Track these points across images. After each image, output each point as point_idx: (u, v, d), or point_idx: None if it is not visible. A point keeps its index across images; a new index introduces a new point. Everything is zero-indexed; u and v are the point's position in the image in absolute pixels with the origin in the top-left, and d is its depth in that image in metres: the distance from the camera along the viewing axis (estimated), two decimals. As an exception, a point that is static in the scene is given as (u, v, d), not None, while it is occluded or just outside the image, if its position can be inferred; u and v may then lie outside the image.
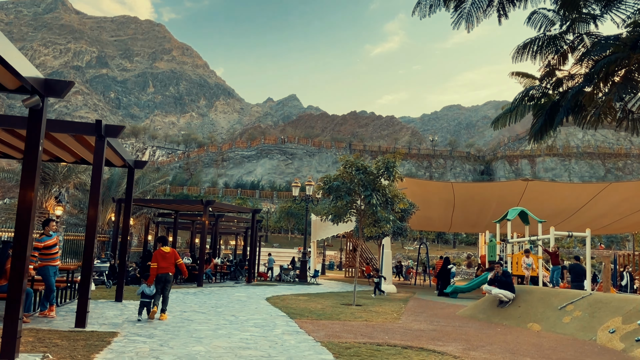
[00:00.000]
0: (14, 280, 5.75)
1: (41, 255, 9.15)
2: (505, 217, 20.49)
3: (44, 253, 9.17)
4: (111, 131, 8.58)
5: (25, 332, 7.35)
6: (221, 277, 23.89)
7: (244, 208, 26.29)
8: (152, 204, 22.64)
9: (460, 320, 11.83)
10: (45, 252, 9.17)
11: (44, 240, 9.20)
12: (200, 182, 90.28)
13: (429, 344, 8.31)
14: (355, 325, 10.01)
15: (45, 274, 9.14)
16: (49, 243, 9.22)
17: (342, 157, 14.46)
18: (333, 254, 60.39)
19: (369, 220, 14.49)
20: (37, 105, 5.99)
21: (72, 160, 11.83)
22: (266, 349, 7.16)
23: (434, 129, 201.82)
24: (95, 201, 8.58)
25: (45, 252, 9.17)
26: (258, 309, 11.95)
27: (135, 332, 7.90)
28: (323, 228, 34.05)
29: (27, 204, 5.88)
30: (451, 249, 73.28)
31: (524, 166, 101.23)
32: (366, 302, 15.28)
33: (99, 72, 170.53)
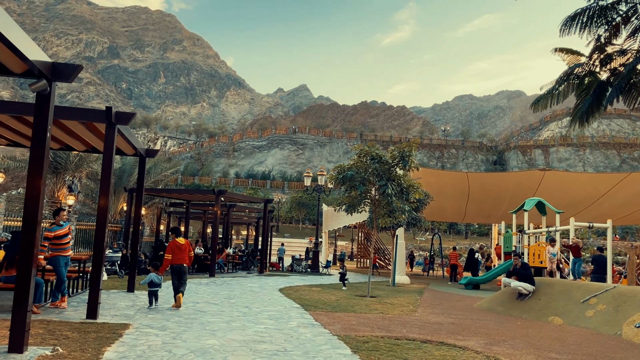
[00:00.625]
0: (22, 271, 5.56)
1: (52, 245, 8.99)
2: (522, 207, 20.09)
3: (55, 243, 8.99)
4: (122, 118, 8.36)
5: (36, 323, 7.20)
6: (233, 267, 23.78)
7: (256, 198, 26.12)
8: (164, 193, 22.51)
9: (478, 313, 11.54)
10: (56, 242, 8.99)
11: (55, 229, 9.02)
12: (211, 172, 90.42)
13: (449, 338, 8.05)
14: (372, 317, 9.76)
15: (56, 264, 8.98)
16: (60, 233, 9.04)
17: (357, 146, 14.15)
18: (344, 245, 60.23)
19: (384, 210, 14.21)
20: (44, 90, 5.76)
21: (83, 148, 11.66)
22: (281, 342, 6.94)
23: (446, 119, 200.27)
24: (105, 190, 8.38)
25: (56, 242, 8.99)
26: (271, 300, 11.75)
27: (148, 324, 7.73)
28: (335, 218, 33.82)
29: (35, 193, 5.68)
30: (463, 240, 72.82)
31: (537, 156, 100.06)
32: (380, 294, 15.03)
33: (111, 62, 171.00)
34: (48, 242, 8.95)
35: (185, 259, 9.94)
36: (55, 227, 9.04)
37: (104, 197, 8.34)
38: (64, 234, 9.09)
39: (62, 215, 9.30)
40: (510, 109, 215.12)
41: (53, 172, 20.19)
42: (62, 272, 8.96)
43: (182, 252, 9.88)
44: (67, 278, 10.39)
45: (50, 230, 8.99)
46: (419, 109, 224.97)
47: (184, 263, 9.90)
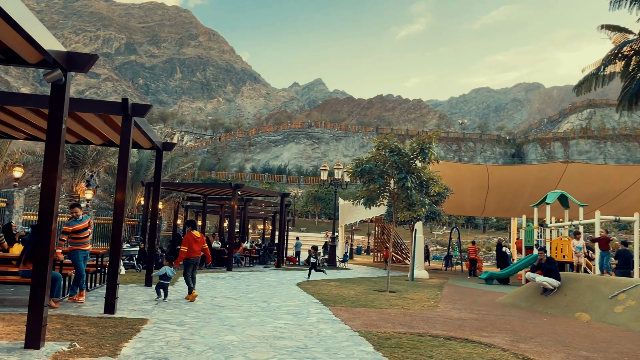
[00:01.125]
0: (38, 266, 5.46)
1: (70, 239, 8.95)
2: (543, 200, 19.66)
3: (74, 237, 8.95)
4: (138, 110, 8.23)
5: (54, 318, 7.13)
6: (250, 261, 23.73)
7: (273, 192, 26.00)
8: (181, 187, 22.50)
9: (501, 309, 11.25)
10: (74, 236, 8.94)
11: (73, 224, 8.97)
12: (227, 167, 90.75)
13: (474, 335, 7.80)
14: (393, 313, 9.54)
15: (74, 258, 8.94)
16: (78, 227, 8.98)
17: (375, 138, 13.88)
18: (360, 239, 60.01)
19: (403, 204, 13.94)
20: (59, 80, 5.63)
21: (100, 142, 11.60)
22: (302, 339, 6.77)
23: (462, 112, 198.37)
24: (122, 184, 8.28)
25: (75, 236, 8.95)
26: (290, 294, 11.60)
27: (165, 319, 7.61)
28: (351, 212, 33.58)
29: (50, 186, 5.56)
30: (481, 234, 72.11)
31: (556, 149, 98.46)
32: (400, 289, 14.79)
33: (128, 58, 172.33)
34: (66, 236, 8.92)
35: (199, 251, 10.11)
36: (74, 221, 9.00)
37: (121, 190, 8.24)
38: (83, 228, 9.04)
39: (77, 210, 9.23)
40: (528, 101, 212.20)
41: (71, 166, 20.29)
42: (80, 266, 8.92)
43: (198, 244, 10.06)
44: (85, 272, 10.38)
45: (69, 225, 8.96)
46: (435, 102, 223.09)
47: (198, 256, 10.10)
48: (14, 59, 5.63)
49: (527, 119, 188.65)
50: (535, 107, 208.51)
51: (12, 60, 5.66)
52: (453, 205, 26.83)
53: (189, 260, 10.03)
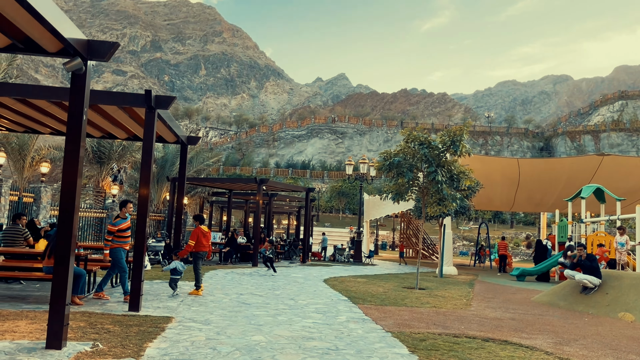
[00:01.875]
0: (60, 263, 5.26)
1: (115, 237, 8.83)
2: (578, 194, 18.94)
3: (118, 235, 8.83)
4: (162, 102, 8.00)
5: (78, 315, 6.97)
6: (275, 257, 23.53)
7: (298, 187, 25.75)
8: (206, 182, 22.41)
9: (538, 308, 10.74)
10: (119, 235, 8.83)
11: (119, 223, 8.84)
12: (252, 163, 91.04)
13: (513, 336, 7.37)
14: (425, 312, 9.16)
15: (118, 256, 8.81)
16: (123, 226, 8.86)
17: (404, 130, 13.45)
18: (385, 234, 59.45)
19: (433, 198, 13.49)
20: (79, 69, 5.41)
21: (124, 136, 11.47)
22: (332, 339, 6.45)
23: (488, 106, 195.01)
24: (146, 178, 8.07)
25: (120, 234, 8.83)
26: (317, 292, 11.30)
27: (191, 318, 7.39)
28: (376, 207, 33.14)
29: (71, 180, 5.35)
30: (509, 229, 70.77)
31: (587, 142, 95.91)
32: (429, 286, 14.36)
33: (153, 56, 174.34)
34: (112, 236, 8.79)
35: (207, 246, 10.25)
36: (120, 220, 8.90)
37: (145, 185, 8.03)
38: (127, 227, 8.94)
39: (128, 207, 9.12)
40: (556, 94, 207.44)
41: (97, 162, 20.38)
42: (124, 263, 8.85)
43: (206, 239, 10.18)
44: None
45: (114, 225, 8.83)
46: (461, 96, 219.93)
47: (207, 250, 10.23)
48: (33, 48, 5.43)
49: (555, 112, 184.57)
50: (563, 100, 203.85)
51: (32, 49, 5.46)
52: (481, 200, 26.15)
53: (199, 254, 10.15)
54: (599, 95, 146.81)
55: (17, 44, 5.44)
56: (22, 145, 17.74)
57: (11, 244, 9.89)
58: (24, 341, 5.35)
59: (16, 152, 17.69)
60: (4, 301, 7.86)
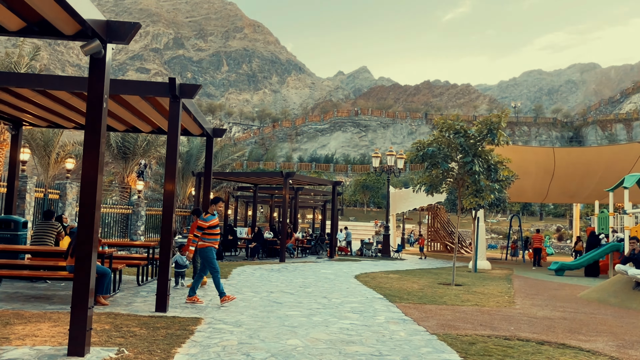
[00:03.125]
0: (81, 264, 4.85)
1: (205, 235, 8.37)
2: (620, 184, 17.98)
3: (208, 233, 8.36)
4: (186, 91, 7.57)
5: (103, 317, 6.60)
6: (302, 252, 23.14)
7: (324, 180, 25.26)
8: (232, 177, 22.09)
9: (588, 305, 10.03)
10: (209, 232, 8.37)
11: (210, 219, 8.39)
12: (275, 157, 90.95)
13: (570, 339, 6.74)
14: (468, 311, 8.56)
15: (209, 255, 8.31)
16: (214, 222, 8.42)
17: (439, 118, 12.81)
18: (411, 227, 58.62)
19: (469, 190, 12.84)
20: (98, 52, 4.98)
21: (149, 129, 11.12)
22: (374, 343, 5.94)
23: (513, 96, 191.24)
24: (172, 172, 7.65)
25: (210, 231, 8.38)
26: (350, 289, 10.79)
27: (220, 319, 6.96)
28: (403, 201, 32.44)
29: (91, 174, 4.93)
30: (538, 221, 69.21)
31: (618, 131, 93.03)
32: (465, 281, 13.72)
33: (176, 53, 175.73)
34: (202, 232, 8.35)
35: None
36: (210, 216, 8.45)
37: (170, 179, 7.62)
38: (216, 224, 8.51)
39: (218, 205, 8.70)
40: (583, 83, 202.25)
41: (122, 157, 20.22)
42: (216, 263, 8.36)
43: None
44: (136, 266, 9.92)
45: (206, 220, 8.38)
46: (485, 87, 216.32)
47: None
48: (49, 31, 5.02)
49: (583, 101, 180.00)
50: (591, 88, 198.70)
51: (47, 32, 5.05)
52: (514, 191, 25.17)
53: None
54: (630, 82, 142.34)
55: (31, 27, 5.04)
56: (47, 142, 17.66)
57: (39, 241, 9.61)
58: (45, 347, 4.98)
59: (41, 148, 17.62)
60: (28, 301, 7.57)
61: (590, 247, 19.30)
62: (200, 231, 8.34)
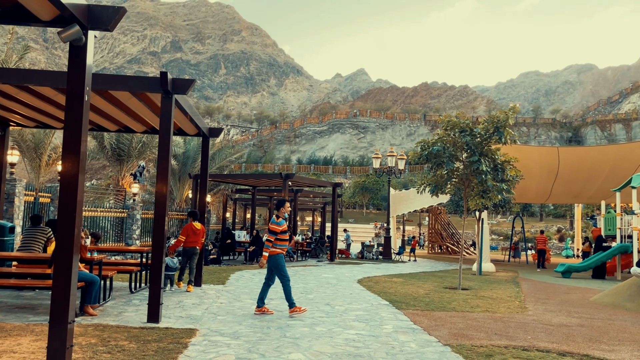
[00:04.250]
0: (60, 273, 4.37)
1: (276, 240, 7.74)
2: (628, 183, 17.56)
3: (279, 239, 7.75)
4: (179, 86, 7.09)
5: (90, 329, 6.12)
6: (302, 255, 22.64)
7: (324, 182, 24.79)
8: (229, 179, 21.61)
9: (603, 311, 9.57)
10: (280, 238, 7.77)
11: (282, 223, 7.78)
12: (273, 159, 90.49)
13: (592, 349, 6.27)
14: (479, 318, 8.09)
15: (280, 263, 7.71)
16: (285, 227, 7.83)
17: (444, 115, 12.36)
18: (411, 229, 58.15)
19: (475, 190, 12.37)
20: (78, 40, 4.51)
21: (142, 129, 10.65)
22: (383, 356, 5.46)
23: (511, 97, 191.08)
24: (164, 173, 7.17)
25: (281, 237, 7.77)
26: (353, 295, 10.31)
27: (217, 330, 6.47)
28: (403, 202, 31.97)
29: (71, 173, 4.46)
30: (538, 222, 68.76)
31: (618, 131, 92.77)
32: (472, 285, 13.26)
33: (174, 56, 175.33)
34: (274, 237, 7.71)
35: (199, 242, 10.29)
36: (282, 220, 7.85)
37: (163, 180, 7.14)
38: (286, 229, 7.89)
39: (286, 207, 8.04)
40: (580, 84, 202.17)
41: (116, 159, 19.71)
42: (286, 271, 7.78)
43: (197, 235, 10.24)
44: (129, 272, 9.44)
45: (279, 224, 7.75)
46: (482, 88, 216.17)
47: (197, 246, 10.26)
48: (23, 16, 4.54)
49: (580, 102, 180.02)
50: (588, 89, 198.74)
51: (21, 18, 4.58)
52: (516, 192, 24.66)
53: (187, 250, 10.21)
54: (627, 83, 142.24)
55: (3, 11, 4.56)
56: (37, 143, 17.15)
57: (26, 247, 9.10)
58: (21, 366, 4.49)
59: (32, 150, 17.10)
60: (10, 312, 7.08)
61: (598, 249, 18.84)
62: (273, 236, 7.69)
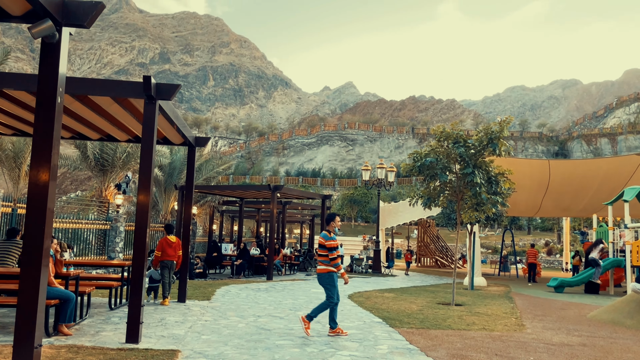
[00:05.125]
0: (26, 292, 3.95)
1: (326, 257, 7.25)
2: (620, 197, 17.43)
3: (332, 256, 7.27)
4: (164, 91, 6.72)
5: (63, 351, 5.65)
6: (290, 269, 22.18)
7: (314, 194, 24.43)
8: (216, 190, 21.15)
9: (602, 328, 9.27)
10: (336, 255, 7.30)
11: (335, 238, 7.29)
12: (261, 171, 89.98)
13: (598, 370, 5.94)
14: (477, 337, 7.73)
15: (332, 283, 7.27)
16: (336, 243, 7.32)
17: (437, 126, 12.11)
18: (400, 242, 57.90)
19: (468, 203, 12.10)
20: (51, 37, 4.14)
21: (125, 138, 10.23)
22: (380, 381, 5.07)
23: (497, 111, 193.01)
24: (146, 183, 6.75)
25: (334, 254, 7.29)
26: (344, 312, 9.91)
27: (201, 351, 6.03)
28: (392, 215, 31.71)
29: (41, 179, 4.06)
30: (526, 235, 68.88)
31: (603, 145, 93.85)
32: (465, 301, 12.92)
33: (162, 67, 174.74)
34: (332, 253, 7.22)
35: (175, 256, 10.25)
36: (334, 235, 7.35)
37: (145, 190, 6.71)
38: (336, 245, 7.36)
39: (337, 221, 7.51)
40: (565, 98, 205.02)
41: (100, 170, 19.17)
42: (336, 292, 7.33)
43: (172, 249, 10.22)
44: (109, 288, 8.97)
45: (332, 239, 7.23)
46: (469, 102, 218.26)
47: (173, 260, 10.25)
48: (-9, 9, 4.16)
49: (565, 116, 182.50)
50: (573, 104, 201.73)
51: (-11, 11, 4.19)
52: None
53: (163, 263, 10.24)
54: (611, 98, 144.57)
55: (-31, 4, 4.18)
56: (17, 153, 16.57)
57: (0, 262, 8.59)
58: (-20, 396, 4.04)
59: (11, 160, 16.52)
60: (-22, 332, 6.58)
61: (589, 263, 18.66)
62: (333, 252, 7.21)
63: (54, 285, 6.57)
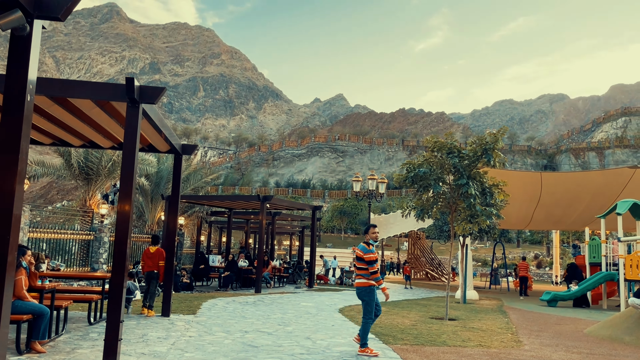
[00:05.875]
0: (-14, 308, 3.57)
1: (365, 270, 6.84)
2: (613, 210, 17.29)
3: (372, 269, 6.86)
4: (148, 95, 6.37)
5: (33, 371, 5.24)
6: (279, 281, 21.75)
7: (304, 204, 24.07)
8: (204, 200, 20.75)
9: (601, 345, 8.98)
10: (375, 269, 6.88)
11: (374, 251, 6.90)
12: (251, 182, 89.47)
13: (603, 391, 5.63)
14: (474, 354, 7.40)
15: (370, 298, 6.81)
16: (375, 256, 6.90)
17: (430, 137, 11.87)
18: (390, 254, 57.63)
19: (462, 215, 11.83)
20: (21, 29, 3.80)
21: (109, 144, 9.85)
22: (375, 405, 4.71)
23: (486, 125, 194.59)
24: (128, 191, 6.36)
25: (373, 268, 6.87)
26: (335, 327, 9.54)
27: (183, 371, 5.64)
28: (383, 227, 31.35)
29: (6, 192, 3.70)
30: (515, 248, 68.90)
31: (591, 159, 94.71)
32: (459, 315, 12.60)
33: (152, 78, 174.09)
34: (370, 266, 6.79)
35: (155, 266, 10.26)
36: (373, 248, 6.95)
37: (126, 199, 6.33)
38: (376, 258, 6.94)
39: (372, 232, 7.07)
40: (552, 113, 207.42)
41: (84, 178, 18.69)
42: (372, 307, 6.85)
43: (152, 259, 10.28)
44: (88, 301, 8.55)
45: (371, 251, 6.84)
46: (458, 115, 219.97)
47: (154, 269, 10.28)
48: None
49: (553, 130, 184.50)
50: (560, 118, 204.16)
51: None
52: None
53: (147, 274, 10.33)
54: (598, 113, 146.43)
55: None
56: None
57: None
58: None
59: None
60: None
61: (572, 277, 18.56)
62: (373, 265, 6.80)
63: (26, 300, 6.16)
